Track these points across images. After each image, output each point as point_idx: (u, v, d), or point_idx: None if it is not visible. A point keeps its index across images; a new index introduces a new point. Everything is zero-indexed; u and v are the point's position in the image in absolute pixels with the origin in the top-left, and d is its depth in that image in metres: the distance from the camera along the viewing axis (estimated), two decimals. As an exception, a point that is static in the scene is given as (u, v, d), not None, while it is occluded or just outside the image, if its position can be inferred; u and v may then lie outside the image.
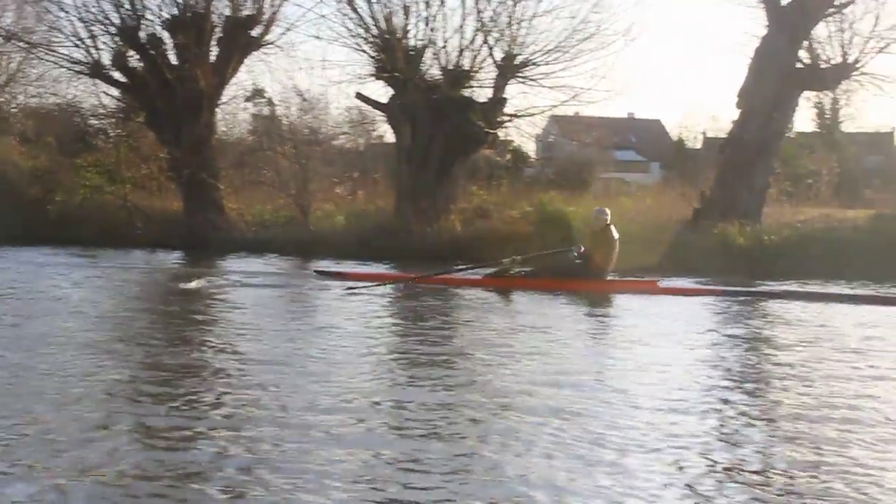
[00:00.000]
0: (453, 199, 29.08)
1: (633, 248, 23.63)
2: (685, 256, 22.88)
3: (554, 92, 29.35)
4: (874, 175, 43.85)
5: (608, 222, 18.45)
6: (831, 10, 26.20)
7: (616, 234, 18.36)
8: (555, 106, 30.28)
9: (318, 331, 13.04)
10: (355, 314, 14.60)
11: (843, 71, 26.79)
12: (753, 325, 14.26)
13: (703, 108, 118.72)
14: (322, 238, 27.76)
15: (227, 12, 30.90)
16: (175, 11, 30.57)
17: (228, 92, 32.43)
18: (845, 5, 26.25)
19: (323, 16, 30.81)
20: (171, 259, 25.93)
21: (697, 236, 24.14)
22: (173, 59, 30.70)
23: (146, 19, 30.65)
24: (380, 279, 19.54)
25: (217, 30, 30.85)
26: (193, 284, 18.74)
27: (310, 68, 31.67)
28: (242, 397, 8.47)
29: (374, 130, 40.07)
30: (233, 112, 35.14)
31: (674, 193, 31.42)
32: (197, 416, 7.85)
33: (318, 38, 32.04)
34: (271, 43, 31.38)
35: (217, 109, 31.97)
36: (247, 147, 35.72)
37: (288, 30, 31.47)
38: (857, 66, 26.63)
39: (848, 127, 57.21)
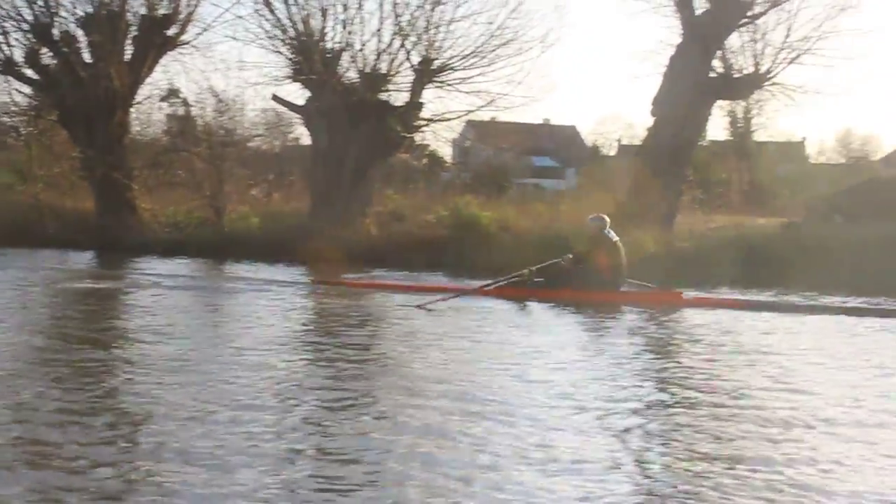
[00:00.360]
0: (369, 203, 29.06)
1: (548, 254, 23.82)
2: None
3: (471, 97, 29.38)
4: (785, 183, 44.42)
5: (603, 228, 18.14)
6: (744, 20, 26.54)
7: (615, 238, 18.08)
8: (471, 111, 30.30)
9: (216, 332, 13.02)
10: (255, 316, 14.59)
11: (756, 81, 27.15)
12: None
13: (618, 115, 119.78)
14: (236, 240, 27.59)
15: (143, 11, 30.61)
16: (89, 9, 30.22)
17: (143, 91, 32.14)
18: (758, 16, 26.62)
19: (240, 17, 30.51)
20: (82, 259, 25.63)
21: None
22: (87, 58, 30.36)
23: (60, 16, 30.27)
24: (408, 289, 18.90)
25: (132, 28, 30.55)
26: (100, 285, 18.60)
27: (226, 69, 31.38)
28: (141, 398, 8.45)
29: (290, 133, 39.99)
30: (147, 112, 34.82)
31: (588, 200, 31.60)
32: (84, 419, 7.80)
33: (234, 38, 31.86)
34: (187, 43, 31.16)
35: (131, 109, 31.65)
36: (161, 147, 35.39)
37: (204, 30, 31.23)
38: (769, 76, 27.00)
39: (760, 136, 58.03)
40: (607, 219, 18.39)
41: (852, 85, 28.74)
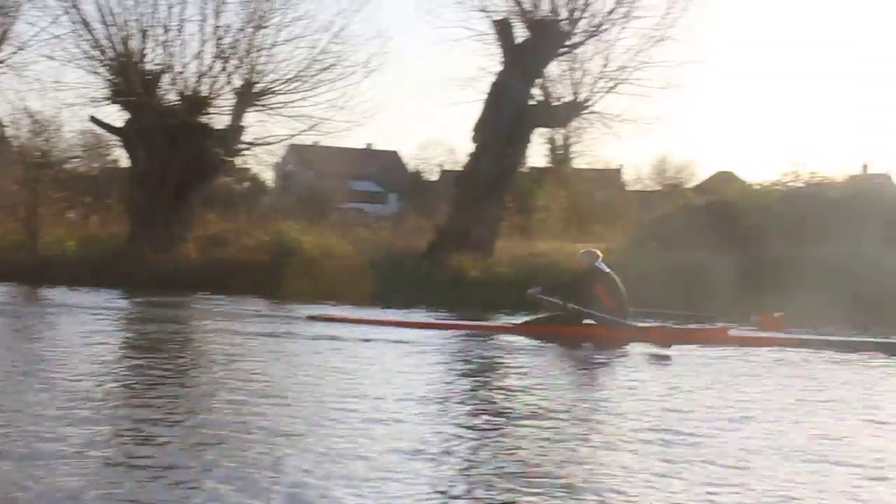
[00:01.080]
0: (189, 227, 28.75)
1: (369, 280, 23.85)
2: (420, 289, 23.13)
3: (293, 121, 29.44)
4: (602, 210, 45.22)
5: (595, 262, 16.79)
6: (563, 49, 27.02)
7: (606, 269, 16.67)
8: (293, 135, 30.35)
9: (22, 358, 12.69)
10: (64, 342, 14.33)
11: (574, 109, 27.64)
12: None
13: (440, 140, 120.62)
14: (52, 264, 27.01)
15: (-45, 29, 29.86)
16: None
17: (-46, 112, 31.32)
18: (576, 46, 27.14)
19: (57, 36, 29.83)
20: None
21: (432, 268, 24.44)
22: None
23: None
24: (387, 323, 17.85)
25: (-57, 47, 29.78)
26: None
27: (42, 89, 30.70)
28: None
29: (108, 155, 39.26)
30: (-42, 133, 33.88)
31: (410, 225, 31.80)
32: None
33: (51, 58, 31.08)
34: (1, 62, 30.44)
35: (-59, 129, 30.82)
36: (-28, 169, 34.46)
37: (19, 49, 30.54)
38: (588, 104, 27.54)
39: (579, 163, 59.04)
40: (599, 252, 17.14)
41: (668, 114, 29.78)
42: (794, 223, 23.49)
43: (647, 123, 27.64)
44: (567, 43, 27.01)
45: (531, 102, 27.34)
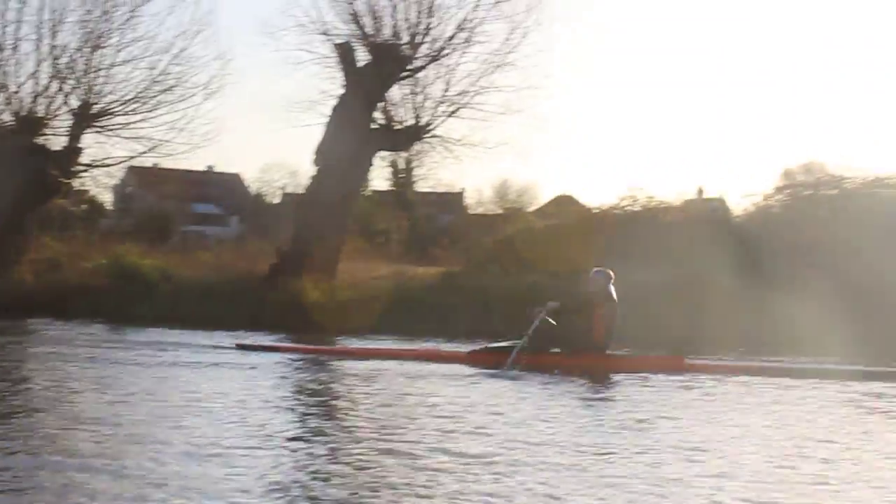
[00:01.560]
0: (24, 250, 28.17)
1: (210, 303, 23.68)
2: (260, 312, 23.02)
3: (132, 143, 29.08)
4: (445, 233, 45.47)
5: (608, 284, 15.73)
6: (405, 73, 27.17)
7: (614, 296, 15.65)
8: (132, 157, 29.96)
9: None
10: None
11: (416, 133, 27.79)
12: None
13: (282, 163, 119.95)
14: None
15: None
16: None
17: None
18: (418, 70, 27.31)
19: None
20: None
21: (274, 292, 24.31)
22: None
23: None
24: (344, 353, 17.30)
25: None
26: None
27: None
28: None
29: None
30: None
31: (252, 248, 31.60)
32: None
33: None
34: None
35: None
36: None
37: None
38: (429, 128, 27.70)
39: (421, 186, 59.37)
40: (612, 274, 15.93)
41: (509, 138, 29.88)
42: (632, 246, 23.84)
43: (489, 148, 27.89)
44: (409, 67, 27.18)
45: (373, 126, 27.42)
